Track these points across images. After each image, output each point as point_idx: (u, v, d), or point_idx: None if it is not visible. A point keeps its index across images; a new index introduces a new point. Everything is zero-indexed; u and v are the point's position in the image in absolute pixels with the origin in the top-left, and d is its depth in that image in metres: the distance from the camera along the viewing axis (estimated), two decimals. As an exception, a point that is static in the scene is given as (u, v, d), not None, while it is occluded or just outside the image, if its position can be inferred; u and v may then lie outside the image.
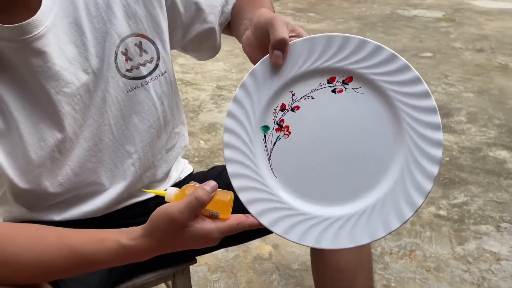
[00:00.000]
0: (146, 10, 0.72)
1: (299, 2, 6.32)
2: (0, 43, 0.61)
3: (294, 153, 0.58)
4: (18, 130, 0.67)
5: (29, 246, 0.58)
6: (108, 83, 0.71)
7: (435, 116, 0.56)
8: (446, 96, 2.89)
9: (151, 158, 0.81)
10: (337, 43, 0.56)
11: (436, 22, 5.22)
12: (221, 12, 0.80)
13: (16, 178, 0.70)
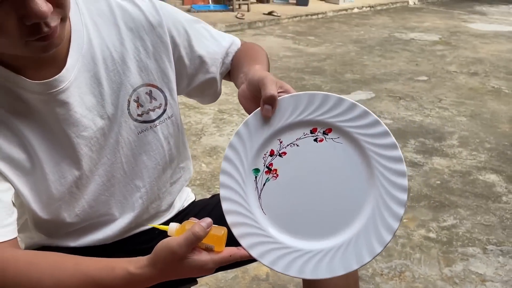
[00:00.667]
0: (156, 63, 0.82)
1: (299, 25, 6.50)
2: (29, 95, 0.72)
3: (281, 193, 0.66)
4: (42, 168, 0.77)
5: (51, 272, 0.68)
6: (121, 127, 0.81)
7: (401, 165, 0.64)
8: (440, 120, 3.00)
9: (157, 191, 0.91)
10: (318, 100, 0.65)
11: (432, 45, 5.36)
12: (222, 63, 0.90)
13: (38, 210, 0.79)
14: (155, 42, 0.81)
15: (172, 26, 0.82)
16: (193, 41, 0.85)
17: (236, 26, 5.96)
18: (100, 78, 0.77)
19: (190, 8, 6.68)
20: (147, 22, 0.80)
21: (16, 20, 0.57)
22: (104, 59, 0.77)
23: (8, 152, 0.71)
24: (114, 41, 0.78)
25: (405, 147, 2.58)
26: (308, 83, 3.74)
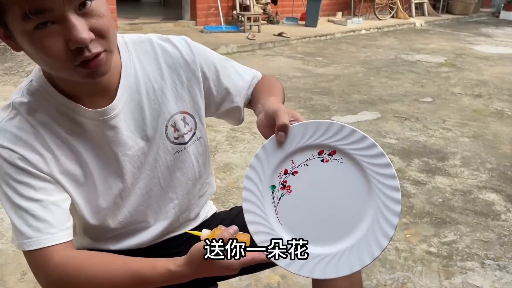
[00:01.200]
0: (189, 94, 0.97)
1: (308, 46, 6.69)
2: (85, 121, 0.86)
3: (294, 206, 0.79)
4: (93, 181, 0.91)
5: (104, 268, 0.81)
6: (159, 148, 0.96)
7: (395, 181, 0.76)
8: (443, 141, 3.12)
9: (187, 203, 1.05)
10: (324, 127, 0.77)
11: (437, 67, 5.50)
12: (245, 95, 1.06)
13: (88, 217, 0.94)
14: (189, 76, 0.96)
15: (203, 63, 0.97)
16: (221, 76, 1.00)
17: (247, 47, 6.15)
18: (143, 106, 0.92)
19: (203, 29, 6.90)
20: (183, 59, 0.95)
21: (63, 45, 0.69)
22: (147, 90, 0.92)
23: (67, 167, 0.86)
24: (156, 76, 0.93)
25: (409, 166, 2.70)
26: (316, 103, 3.89)
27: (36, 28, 0.67)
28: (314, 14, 7.83)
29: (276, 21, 8.00)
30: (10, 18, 0.68)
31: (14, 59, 4.78)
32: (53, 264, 0.79)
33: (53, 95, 0.83)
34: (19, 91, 0.85)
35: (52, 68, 0.74)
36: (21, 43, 0.72)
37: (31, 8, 0.65)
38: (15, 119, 0.81)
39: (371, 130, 3.27)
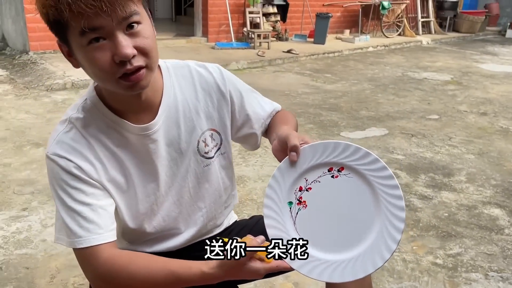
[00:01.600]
0: (219, 114, 1.09)
1: (316, 63, 6.84)
2: (130, 135, 0.98)
3: (310, 219, 0.89)
4: (134, 189, 1.03)
5: (144, 266, 0.92)
6: (190, 160, 1.08)
7: (398, 190, 0.85)
8: (449, 157, 3.21)
9: (214, 212, 1.16)
10: (331, 147, 0.87)
11: (444, 85, 5.61)
12: (263, 124, 1.17)
13: (128, 221, 1.05)
14: (219, 99, 1.08)
15: (232, 89, 1.10)
16: (245, 102, 1.12)
17: (257, 63, 6.31)
18: (179, 123, 1.05)
19: (214, 46, 7.08)
20: (215, 84, 1.08)
21: (110, 58, 0.81)
22: (183, 109, 1.05)
23: (113, 175, 0.98)
24: (192, 97, 1.06)
25: (416, 181, 2.80)
26: (325, 119, 4.00)
27: (90, 42, 0.80)
28: (322, 32, 8.00)
29: (285, 38, 8.17)
30: (70, 34, 0.81)
31: (33, 74, 4.96)
32: (101, 261, 0.90)
33: (103, 112, 0.95)
34: (74, 107, 0.97)
35: (99, 79, 0.87)
36: (78, 57, 0.85)
37: (87, 25, 0.78)
38: (71, 132, 0.94)
39: (379, 146, 3.37)
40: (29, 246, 1.98)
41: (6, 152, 2.95)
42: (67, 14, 0.77)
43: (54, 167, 0.92)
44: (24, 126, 3.45)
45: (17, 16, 5.66)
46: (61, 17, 0.78)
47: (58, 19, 0.79)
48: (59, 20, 0.79)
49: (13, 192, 2.44)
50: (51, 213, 2.24)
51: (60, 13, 0.78)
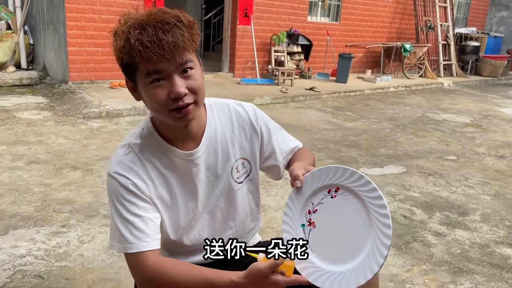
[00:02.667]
0: (250, 145, 1.29)
1: (337, 101, 7.05)
2: (176, 159, 1.18)
3: (320, 237, 1.05)
4: (177, 205, 1.21)
5: (185, 272, 1.09)
6: (224, 183, 1.26)
7: (386, 210, 0.99)
8: (465, 197, 3.31)
9: (242, 231, 1.33)
10: (326, 171, 1.05)
11: (463, 127, 5.72)
12: (286, 158, 1.35)
13: (170, 233, 1.23)
14: (251, 132, 1.28)
15: (262, 125, 1.30)
16: (272, 137, 1.32)
17: (280, 99, 6.56)
18: (217, 151, 1.24)
19: (240, 81, 7.40)
20: (249, 120, 1.28)
21: (167, 94, 1.01)
22: (221, 140, 1.25)
23: (161, 193, 1.17)
24: (229, 130, 1.26)
25: (431, 218, 2.90)
26: (344, 155, 4.16)
27: (152, 81, 1.02)
28: (344, 71, 8.26)
29: (308, 76, 8.46)
30: (138, 74, 1.03)
31: (72, 102, 5.31)
32: (147, 265, 1.07)
33: (157, 139, 1.16)
34: (133, 135, 1.18)
35: (155, 110, 1.07)
36: (141, 92, 1.06)
37: (152, 68, 1.00)
38: (129, 155, 1.14)
39: (396, 183, 3.49)
40: (68, 259, 2.16)
41: (47, 174, 3.20)
42: (138, 59, 0.99)
43: (113, 183, 1.11)
44: (63, 150, 3.72)
45: (59, 49, 6.10)
46: (133, 61, 1.00)
47: (130, 63, 1.01)
48: (131, 63, 1.01)
49: (53, 210, 2.66)
50: (87, 230, 2.43)
51: (132, 58, 0.99)
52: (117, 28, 1.02)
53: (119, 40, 1.00)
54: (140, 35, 0.96)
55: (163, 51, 0.97)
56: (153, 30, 0.97)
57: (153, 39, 0.96)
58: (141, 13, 1.02)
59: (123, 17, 1.02)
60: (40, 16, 6.68)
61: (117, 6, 6.13)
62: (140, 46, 0.96)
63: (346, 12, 9.38)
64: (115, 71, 6.34)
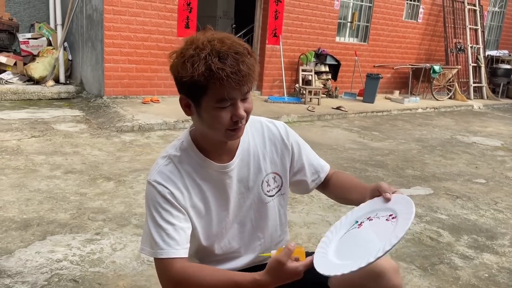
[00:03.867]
0: (281, 161, 1.36)
1: (364, 120, 7.06)
2: (212, 171, 1.26)
3: (352, 238, 1.14)
4: (211, 214, 1.28)
5: (211, 274, 1.15)
6: (255, 196, 1.33)
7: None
8: (494, 221, 3.26)
9: (270, 243, 1.39)
10: (407, 204, 1.14)
11: (493, 150, 5.62)
12: (316, 176, 1.42)
13: (202, 241, 1.30)
14: (282, 149, 1.36)
15: (293, 142, 1.38)
16: (302, 154, 1.40)
17: (307, 118, 6.62)
18: (249, 165, 1.32)
19: (267, 99, 7.52)
20: (280, 137, 1.36)
21: (230, 117, 1.12)
22: (254, 154, 1.32)
23: (196, 202, 1.25)
24: (261, 145, 1.34)
25: (458, 241, 2.87)
26: (371, 175, 4.17)
27: (218, 105, 1.11)
28: (372, 91, 8.27)
29: (335, 95, 8.51)
30: (206, 97, 1.10)
31: (106, 116, 5.53)
32: (174, 270, 1.14)
33: (195, 152, 1.25)
34: (173, 147, 1.27)
35: (213, 129, 1.16)
36: (202, 112, 1.14)
37: (228, 96, 1.09)
38: (169, 165, 1.23)
39: (423, 205, 3.48)
40: (101, 265, 2.26)
41: (82, 183, 3.35)
42: (217, 85, 1.07)
43: (152, 191, 1.20)
44: (97, 161, 3.89)
45: (96, 65, 6.39)
46: (207, 85, 1.08)
47: (202, 86, 1.07)
48: (203, 86, 1.08)
49: (88, 218, 2.79)
50: (120, 239, 2.54)
51: (208, 83, 1.07)
52: (183, 50, 1.10)
53: (193, 64, 1.06)
54: (222, 64, 1.04)
55: (242, 81, 1.07)
56: (233, 61, 1.05)
57: (234, 70, 1.05)
58: (209, 38, 1.08)
59: (189, 40, 1.10)
60: (79, 34, 7.02)
61: (152, 25, 6.39)
62: (223, 75, 1.04)
63: (375, 33, 9.44)
64: (148, 87, 6.57)
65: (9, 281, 2.05)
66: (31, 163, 3.69)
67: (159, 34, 6.48)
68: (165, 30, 6.53)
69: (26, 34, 7.24)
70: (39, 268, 2.19)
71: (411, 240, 2.83)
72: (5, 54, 6.71)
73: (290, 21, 7.97)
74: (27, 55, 6.96)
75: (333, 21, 8.66)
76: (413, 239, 2.85)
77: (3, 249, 2.33)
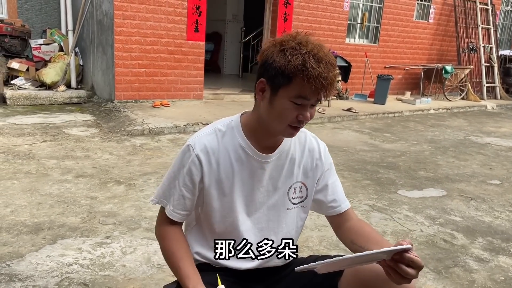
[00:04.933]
0: (312, 174, 1.35)
1: (375, 122, 7.00)
2: (250, 156, 1.26)
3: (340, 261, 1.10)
4: (233, 196, 1.27)
5: (174, 248, 1.26)
6: (279, 197, 1.32)
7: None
8: (509, 223, 3.19)
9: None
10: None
11: (508, 151, 5.52)
12: (337, 204, 1.38)
13: (215, 223, 1.30)
14: (317, 164, 1.37)
15: (327, 163, 1.39)
16: (331, 176, 1.40)
17: (317, 119, 6.58)
18: (283, 167, 1.33)
19: (277, 101, 7.48)
20: (319, 152, 1.38)
21: (295, 116, 1.16)
22: (291, 158, 1.34)
23: (222, 178, 1.27)
24: (299, 153, 1.35)
25: (472, 243, 2.82)
26: (382, 176, 4.12)
27: (293, 100, 1.14)
28: (383, 92, 8.20)
29: (345, 97, 8.46)
30: (288, 88, 1.14)
31: (117, 120, 5.56)
32: (161, 227, 1.32)
33: (239, 133, 1.28)
34: (221, 122, 1.31)
35: (277, 119, 1.19)
36: (275, 101, 1.16)
37: (309, 96, 1.13)
38: (210, 136, 1.28)
39: (436, 207, 3.42)
40: (111, 269, 2.26)
41: (93, 187, 3.37)
42: (305, 82, 1.10)
43: (187, 154, 1.27)
44: (108, 165, 3.90)
45: (107, 69, 6.44)
46: (293, 78, 1.11)
47: (289, 76, 1.12)
48: (289, 77, 1.12)
49: (98, 221, 2.79)
50: (130, 242, 2.54)
51: (297, 76, 1.11)
52: (285, 41, 1.15)
53: (292, 55, 1.12)
54: (317, 66, 1.10)
55: (324, 87, 1.12)
56: (325, 67, 1.11)
57: (324, 75, 1.10)
58: (311, 40, 1.15)
59: (293, 34, 1.16)
60: (90, 39, 7.09)
61: (161, 29, 6.42)
62: (313, 74, 1.09)
63: (385, 34, 9.37)
64: (158, 91, 6.60)
65: (19, 285, 2.06)
66: (42, 168, 3.72)
67: (168, 38, 6.51)
68: (175, 34, 6.55)
69: (38, 40, 7.34)
70: (50, 271, 2.19)
71: (424, 242, 2.78)
72: (17, 60, 6.80)
73: (300, 23, 7.95)
74: (39, 60, 7.04)
75: (343, 23, 8.62)
76: (427, 241, 2.80)
77: (14, 253, 2.35)
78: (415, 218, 3.17)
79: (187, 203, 1.29)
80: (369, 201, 3.46)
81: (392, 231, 2.93)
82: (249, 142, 1.27)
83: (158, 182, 3.53)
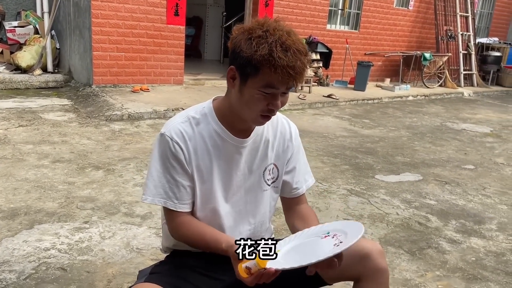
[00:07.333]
0: (283, 155, 1.37)
1: (355, 108, 7.07)
2: (226, 142, 1.27)
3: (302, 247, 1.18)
4: (212, 182, 1.28)
5: (195, 234, 1.24)
6: (255, 180, 1.34)
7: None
8: (481, 206, 3.29)
9: (259, 230, 1.40)
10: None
11: (482, 137, 5.66)
12: (296, 187, 1.40)
13: (197, 209, 1.30)
14: (288, 146, 1.39)
15: (296, 144, 1.41)
16: (300, 158, 1.42)
17: (298, 106, 6.61)
18: (258, 149, 1.34)
19: (258, 87, 7.47)
20: (290, 134, 1.39)
21: (266, 105, 1.15)
22: (264, 141, 1.35)
23: (200, 164, 1.27)
24: (272, 135, 1.37)
25: (446, 226, 2.90)
26: (361, 162, 4.18)
27: (262, 90, 1.13)
28: (363, 79, 8.27)
29: (326, 83, 8.49)
30: (255, 78, 1.13)
31: (95, 105, 5.47)
32: (175, 223, 1.27)
33: (214, 119, 1.28)
34: (193, 109, 1.30)
35: (247, 108, 1.19)
36: (245, 90, 1.16)
37: (277, 85, 1.12)
38: (185, 123, 1.27)
39: (412, 191, 3.50)
40: (89, 253, 2.25)
41: (70, 172, 3.32)
42: (271, 72, 1.09)
43: (164, 144, 1.24)
44: (86, 150, 3.85)
45: (84, 53, 6.30)
46: (261, 68, 1.10)
47: (256, 67, 1.10)
48: (256, 67, 1.11)
49: (77, 207, 2.77)
50: (108, 227, 2.52)
51: (263, 66, 1.10)
52: (252, 29, 1.14)
53: (258, 45, 1.10)
54: (283, 55, 1.08)
55: (292, 76, 1.10)
56: (293, 55, 1.09)
57: (291, 64, 1.09)
58: (279, 27, 1.12)
59: (261, 21, 1.14)
60: (67, 22, 6.90)
61: (140, 12, 6.30)
62: (280, 64, 1.08)
63: (366, 20, 9.40)
64: (137, 75, 6.50)
65: (-4, 270, 2.04)
66: (18, 153, 3.65)
67: (148, 21, 6.40)
68: (154, 17, 6.44)
69: (12, 22, 7.11)
70: (27, 256, 2.17)
71: (399, 225, 2.85)
72: (-9, 43, 6.59)
73: (281, 9, 7.91)
74: (14, 43, 6.84)
75: (324, 9, 8.61)
76: (402, 224, 2.87)
77: (-11, 238, 2.31)
78: (391, 202, 3.24)
79: (189, 191, 1.27)
80: (347, 185, 3.51)
81: (369, 214, 2.99)
82: (224, 128, 1.27)
83: (137, 167, 3.51)
